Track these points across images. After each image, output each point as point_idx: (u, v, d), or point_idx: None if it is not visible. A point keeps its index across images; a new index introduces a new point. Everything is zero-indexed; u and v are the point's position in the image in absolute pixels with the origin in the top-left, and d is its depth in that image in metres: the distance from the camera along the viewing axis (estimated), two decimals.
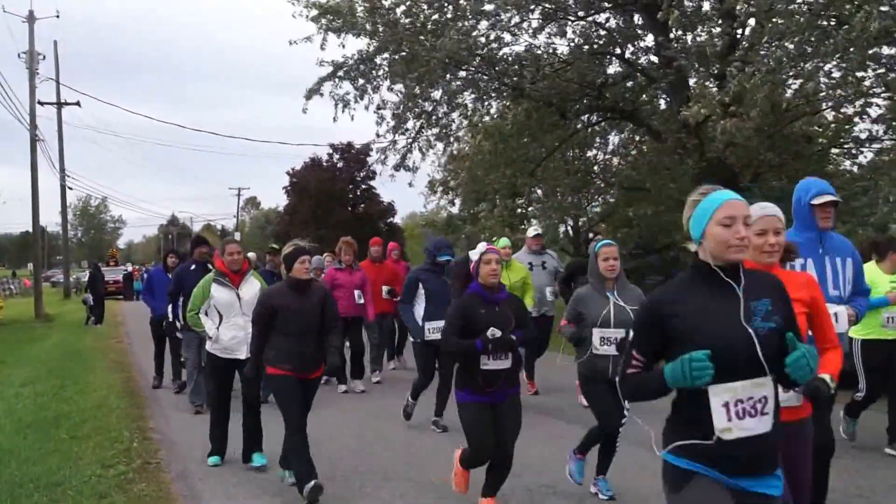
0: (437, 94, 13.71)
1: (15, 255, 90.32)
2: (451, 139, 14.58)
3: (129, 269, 43.60)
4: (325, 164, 39.22)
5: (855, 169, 12.13)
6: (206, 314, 5.82)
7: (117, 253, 53.07)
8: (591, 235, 18.17)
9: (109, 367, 11.47)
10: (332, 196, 37.80)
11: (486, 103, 14.43)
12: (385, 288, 9.30)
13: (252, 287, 5.82)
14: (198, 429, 7.11)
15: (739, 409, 2.17)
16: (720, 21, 11.52)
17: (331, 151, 38.75)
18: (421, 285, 6.86)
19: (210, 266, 7.25)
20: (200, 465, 5.82)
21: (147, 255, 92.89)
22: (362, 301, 8.77)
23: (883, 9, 9.09)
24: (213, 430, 5.90)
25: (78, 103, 30.76)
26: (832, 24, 10.01)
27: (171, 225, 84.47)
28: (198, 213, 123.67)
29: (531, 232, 8.71)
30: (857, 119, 10.42)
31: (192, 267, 7.78)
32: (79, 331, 18.62)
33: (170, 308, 8.20)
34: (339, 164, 39.67)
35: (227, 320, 5.73)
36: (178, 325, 8.01)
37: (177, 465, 5.81)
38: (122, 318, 22.55)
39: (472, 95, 14.12)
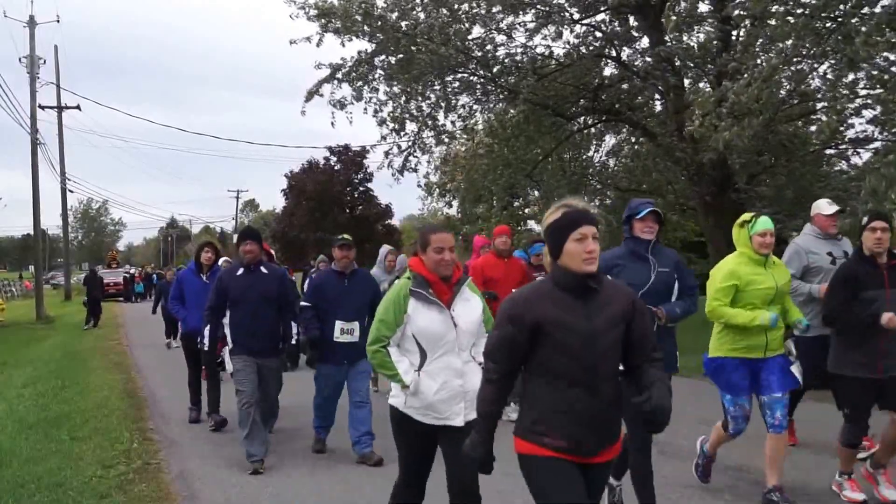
0: (432, 95, 13.77)
1: (16, 257, 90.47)
2: (447, 140, 14.63)
3: (133, 271, 43.73)
4: (322, 166, 39.27)
5: (851, 171, 12.19)
6: (398, 347, 3.56)
7: (117, 255, 53.15)
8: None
9: (110, 369, 11.53)
10: (329, 198, 37.84)
11: (482, 105, 14.49)
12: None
13: (471, 306, 3.59)
14: (197, 430, 7.20)
15: None
16: (715, 23, 11.59)
17: (327, 155, 38.80)
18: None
19: (262, 268, 5.96)
20: (200, 465, 5.85)
21: (147, 257, 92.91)
22: None
23: (878, 9, 9.16)
24: None
25: (78, 107, 31.06)
26: (828, 25, 10.07)
27: (171, 227, 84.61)
28: (197, 216, 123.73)
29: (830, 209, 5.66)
30: (851, 120, 10.49)
31: (240, 271, 5.89)
32: (79, 332, 18.69)
33: (206, 329, 6.13)
34: (337, 167, 39.72)
35: (433, 359, 3.49)
36: (205, 344, 6.23)
37: (176, 465, 5.83)
38: (122, 319, 22.63)
39: (469, 98, 14.20)
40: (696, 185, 12.76)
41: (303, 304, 6.09)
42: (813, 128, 10.27)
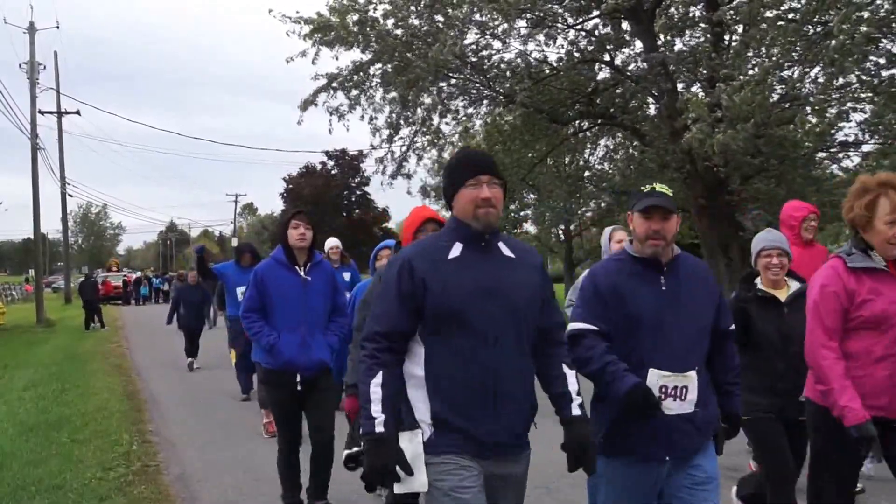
0: (427, 100, 13.86)
1: (17, 261, 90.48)
2: (443, 145, 14.71)
3: (138, 273, 43.85)
4: (319, 170, 39.39)
5: (841, 174, 12.30)
6: None
7: (118, 262, 53.89)
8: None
9: (110, 371, 11.58)
10: (326, 202, 37.97)
11: (477, 109, 14.59)
12: None
13: None
14: (196, 432, 7.24)
15: None
16: (707, 27, 11.71)
17: (324, 159, 38.94)
18: None
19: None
20: (199, 467, 5.88)
21: (146, 261, 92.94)
22: None
23: (865, 14, 9.28)
24: None
25: (78, 112, 31.16)
26: (819, 30, 10.18)
27: (170, 231, 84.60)
28: (196, 220, 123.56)
29: None
30: (841, 123, 10.58)
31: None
32: (80, 335, 18.77)
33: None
34: (334, 171, 39.83)
35: None
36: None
37: (176, 467, 5.86)
38: (122, 322, 22.72)
39: (464, 102, 14.29)
40: (689, 189, 12.87)
41: None
42: (805, 126, 10.34)
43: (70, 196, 33.39)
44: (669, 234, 2.69)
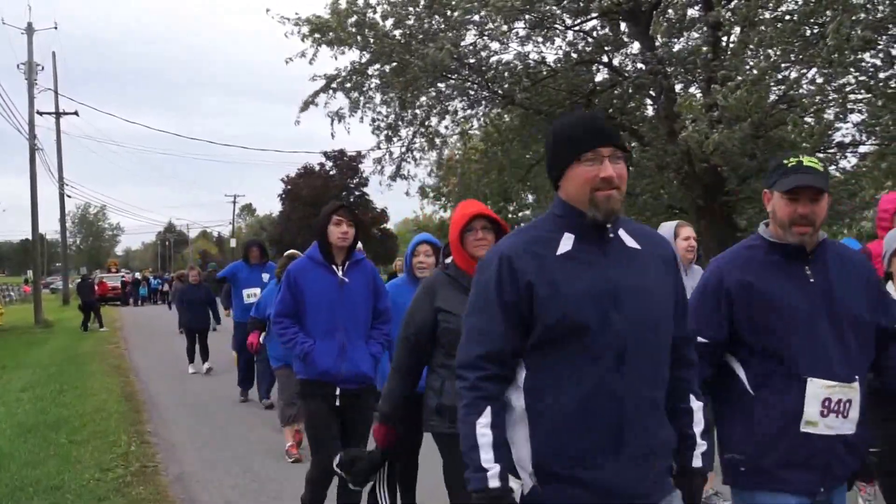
0: (425, 101, 13.88)
1: (15, 262, 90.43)
2: (441, 145, 14.74)
3: (138, 275, 43.88)
4: (317, 171, 39.43)
5: (838, 174, 12.33)
6: None
7: (117, 263, 54.09)
8: None
9: (108, 372, 11.57)
10: (325, 203, 37.97)
11: (476, 110, 14.61)
12: None
13: None
14: (195, 433, 7.24)
15: None
16: (704, 29, 11.74)
17: (322, 160, 38.97)
18: None
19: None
20: (198, 468, 5.88)
21: (145, 261, 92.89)
22: None
23: (861, 16, 9.31)
24: None
25: (76, 113, 31.21)
26: (815, 31, 10.21)
27: (168, 232, 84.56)
28: (194, 220, 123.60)
29: None
30: (838, 124, 10.64)
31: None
32: (78, 336, 18.76)
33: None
34: (332, 172, 39.89)
35: None
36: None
37: (174, 468, 5.86)
38: (121, 323, 22.71)
39: (462, 103, 14.31)
40: (687, 189, 12.90)
41: None
42: (798, 127, 10.36)
43: (68, 197, 33.46)
44: (819, 218, 2.18)
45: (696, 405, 2.03)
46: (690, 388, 2.03)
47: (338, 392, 3.86)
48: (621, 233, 1.93)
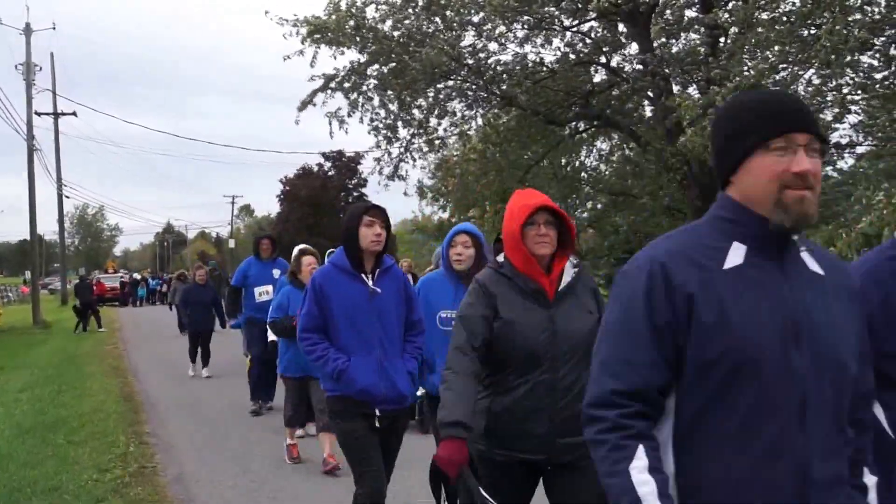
0: (423, 102, 13.90)
1: (13, 263, 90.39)
2: (440, 146, 14.75)
3: (136, 275, 43.89)
4: (316, 172, 39.43)
5: (836, 175, 12.39)
6: None
7: (115, 264, 54.16)
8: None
9: (107, 373, 11.56)
10: (323, 204, 38.00)
11: (475, 111, 14.63)
12: None
13: None
14: (194, 433, 7.24)
15: None
16: (702, 30, 11.77)
17: (320, 161, 38.98)
18: None
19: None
20: (196, 468, 5.88)
21: (143, 262, 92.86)
22: None
23: (857, 16, 9.36)
24: None
25: (74, 114, 31.08)
26: (812, 32, 10.25)
27: (167, 233, 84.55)
28: (193, 221, 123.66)
29: None
30: (836, 125, 10.68)
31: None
32: (76, 337, 18.77)
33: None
34: (331, 173, 39.90)
35: None
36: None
37: (173, 469, 5.86)
38: (120, 324, 22.71)
39: (461, 104, 14.33)
40: (686, 190, 12.92)
41: None
42: None
43: (66, 197, 33.53)
44: None
45: (871, 480, 1.56)
46: (866, 461, 1.56)
47: (377, 413, 3.50)
48: (804, 254, 1.49)
